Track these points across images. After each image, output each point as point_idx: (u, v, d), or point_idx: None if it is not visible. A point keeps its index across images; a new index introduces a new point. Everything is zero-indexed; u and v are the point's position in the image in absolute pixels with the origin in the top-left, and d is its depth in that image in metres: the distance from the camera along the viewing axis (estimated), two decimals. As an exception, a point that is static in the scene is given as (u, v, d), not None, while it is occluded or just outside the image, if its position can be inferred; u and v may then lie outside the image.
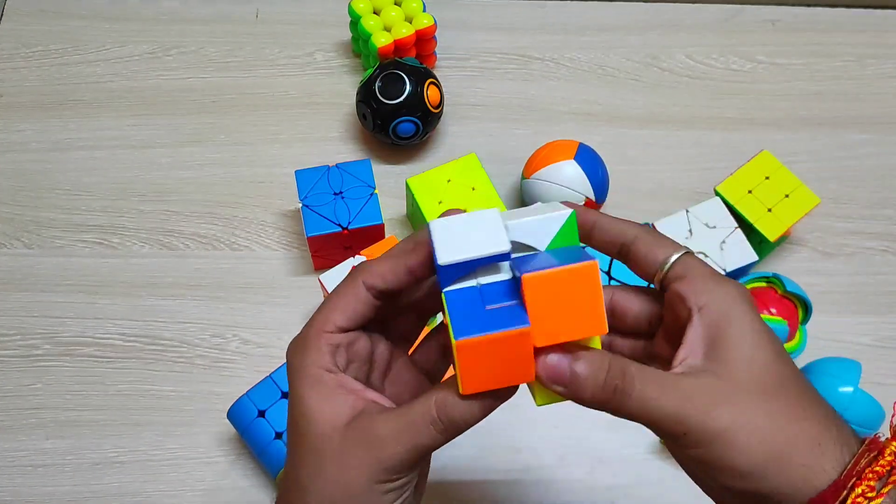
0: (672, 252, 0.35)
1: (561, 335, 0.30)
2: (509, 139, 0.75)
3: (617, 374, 0.31)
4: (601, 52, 0.81)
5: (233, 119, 0.75)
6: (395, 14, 0.73)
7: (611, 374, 0.31)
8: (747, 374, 0.31)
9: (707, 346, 0.32)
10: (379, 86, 0.68)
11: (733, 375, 0.31)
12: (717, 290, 0.33)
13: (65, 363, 0.63)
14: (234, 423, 0.57)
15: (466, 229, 0.32)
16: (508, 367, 0.30)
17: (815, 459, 0.30)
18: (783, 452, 0.30)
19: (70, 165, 0.72)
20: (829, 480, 0.30)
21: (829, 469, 0.30)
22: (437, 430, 0.31)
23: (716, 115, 0.78)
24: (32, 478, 0.59)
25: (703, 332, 0.32)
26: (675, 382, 0.31)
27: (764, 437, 0.30)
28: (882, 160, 0.76)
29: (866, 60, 0.82)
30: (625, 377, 0.31)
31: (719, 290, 0.33)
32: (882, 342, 0.66)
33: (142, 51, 0.79)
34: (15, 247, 0.68)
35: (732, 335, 0.32)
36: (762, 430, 0.30)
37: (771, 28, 0.84)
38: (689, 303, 0.33)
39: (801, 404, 0.32)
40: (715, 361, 0.32)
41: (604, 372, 0.30)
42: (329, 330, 0.33)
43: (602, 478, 0.60)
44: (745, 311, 0.32)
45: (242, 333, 0.65)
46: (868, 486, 0.29)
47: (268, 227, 0.70)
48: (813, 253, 0.70)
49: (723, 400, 0.30)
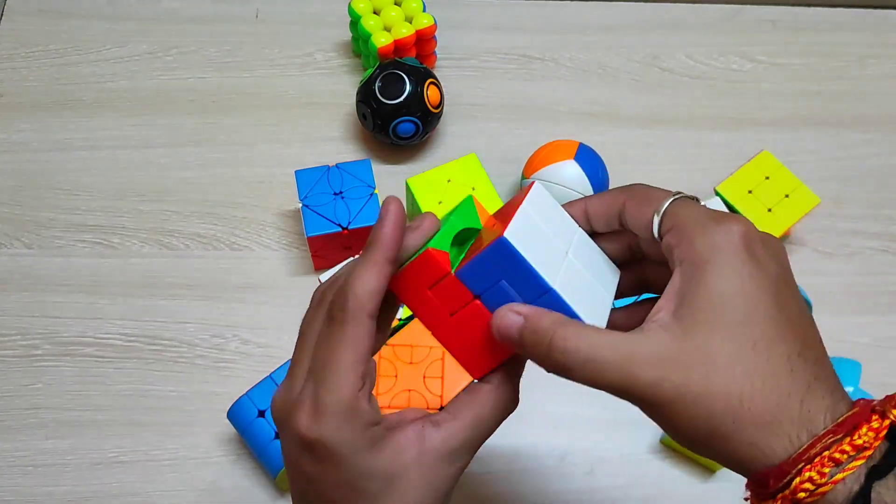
0: (661, 202, 0.33)
1: None
2: (509, 139, 0.75)
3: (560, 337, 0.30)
4: (601, 52, 0.81)
5: (233, 119, 0.75)
6: (395, 14, 0.73)
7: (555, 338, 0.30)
8: (709, 331, 0.29)
9: (678, 299, 0.30)
10: (379, 86, 0.68)
11: (694, 333, 0.29)
12: (702, 238, 0.31)
13: (65, 363, 0.63)
14: (234, 423, 0.57)
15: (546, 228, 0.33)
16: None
17: (766, 438, 0.29)
18: (729, 429, 0.29)
19: (70, 165, 0.72)
20: (777, 461, 0.28)
21: (779, 450, 0.28)
22: None
23: (716, 115, 0.78)
24: (33, 478, 0.59)
25: (679, 286, 0.31)
26: (626, 346, 0.30)
27: (712, 411, 0.29)
28: (882, 160, 0.76)
29: (866, 60, 0.82)
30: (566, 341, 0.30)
31: (705, 237, 0.31)
32: (882, 342, 0.66)
33: (142, 51, 0.79)
34: (15, 247, 0.68)
35: (702, 288, 0.30)
36: (711, 402, 0.29)
37: (771, 28, 0.84)
38: (674, 255, 0.32)
39: (775, 362, 0.29)
40: (679, 318, 0.30)
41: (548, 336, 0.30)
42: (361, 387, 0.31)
43: (602, 478, 0.60)
44: (728, 257, 0.30)
45: (242, 333, 0.65)
46: (819, 472, 0.28)
47: (268, 227, 0.70)
48: (813, 253, 0.70)
49: (672, 365, 0.29)
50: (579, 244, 0.34)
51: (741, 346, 0.29)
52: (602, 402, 0.62)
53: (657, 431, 0.62)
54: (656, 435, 0.61)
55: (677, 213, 0.32)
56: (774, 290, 0.30)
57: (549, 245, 0.32)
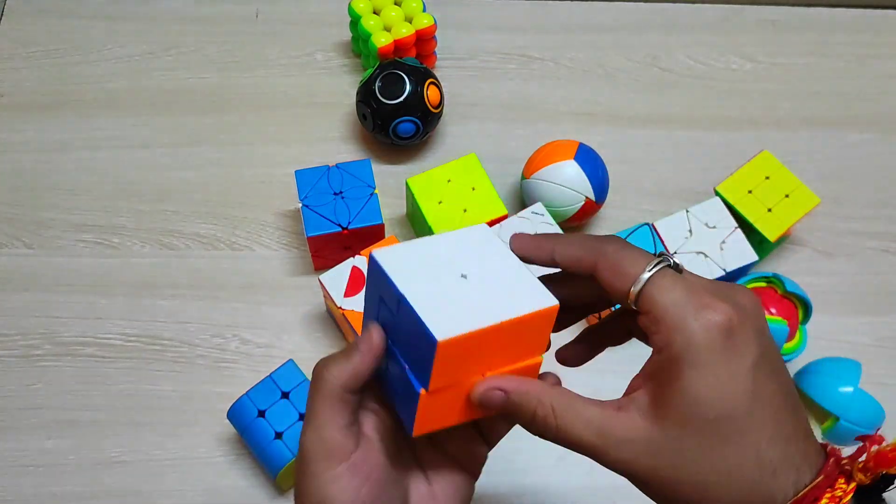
0: (638, 276, 0.32)
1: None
2: (509, 139, 0.75)
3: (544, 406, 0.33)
4: (601, 52, 0.81)
5: (233, 119, 0.75)
6: (395, 14, 0.73)
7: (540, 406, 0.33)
8: (682, 427, 0.31)
9: (656, 385, 0.32)
10: (379, 86, 0.68)
11: (667, 426, 0.31)
12: (680, 334, 0.31)
13: (65, 363, 0.63)
14: (234, 423, 0.57)
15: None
16: None
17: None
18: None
19: (70, 165, 0.72)
20: None
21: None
22: None
23: (716, 115, 0.78)
24: (33, 477, 0.59)
25: (655, 372, 0.32)
26: (601, 424, 0.32)
27: (679, 494, 0.31)
28: (882, 160, 0.76)
29: (866, 60, 0.82)
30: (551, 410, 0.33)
31: (683, 332, 0.30)
32: (882, 342, 0.66)
33: (142, 51, 0.79)
34: (15, 247, 0.68)
35: (677, 386, 0.30)
36: (678, 487, 0.31)
37: (771, 28, 0.84)
38: (651, 339, 0.32)
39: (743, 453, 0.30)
40: (655, 407, 0.31)
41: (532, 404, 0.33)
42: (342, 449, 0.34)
43: (602, 478, 0.60)
44: (704, 357, 0.30)
45: (242, 333, 0.65)
46: None
47: (268, 227, 0.70)
48: (813, 253, 0.70)
49: (644, 451, 0.31)
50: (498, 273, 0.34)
51: (711, 442, 0.30)
52: (602, 402, 0.63)
53: (657, 431, 0.62)
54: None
55: (654, 299, 0.31)
56: (752, 379, 0.31)
57: (440, 268, 0.33)
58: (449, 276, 0.33)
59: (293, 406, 0.55)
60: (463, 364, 0.32)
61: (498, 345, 0.33)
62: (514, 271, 0.34)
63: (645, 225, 0.63)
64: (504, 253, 0.35)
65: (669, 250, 0.62)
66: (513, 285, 0.33)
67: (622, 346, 0.67)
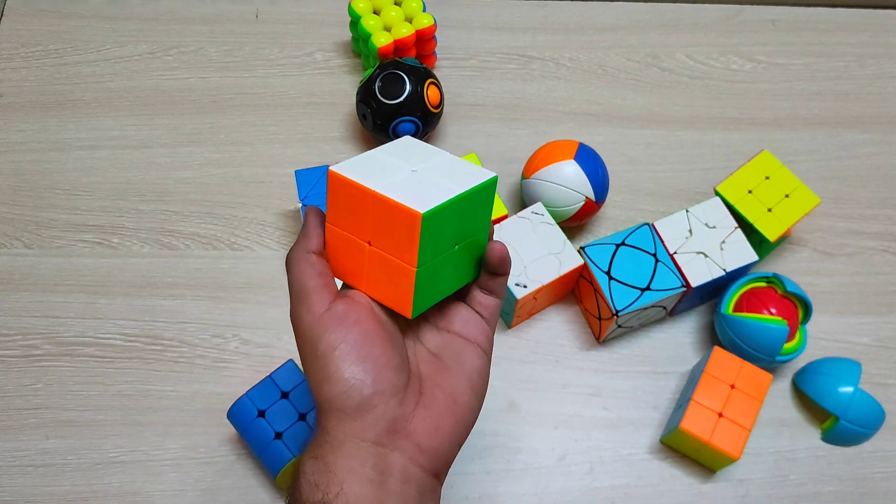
0: None
1: None
2: (509, 139, 0.75)
3: None
4: (601, 52, 0.81)
5: (233, 119, 0.75)
6: (395, 14, 0.73)
7: None
8: None
9: None
10: (379, 86, 0.68)
11: None
12: None
13: (65, 363, 0.63)
14: (234, 423, 0.57)
15: None
16: None
17: None
18: None
19: (70, 165, 0.72)
20: None
21: None
22: None
23: (716, 115, 0.78)
24: (33, 477, 0.59)
25: None
26: None
27: None
28: (882, 160, 0.76)
29: (866, 60, 0.82)
30: None
31: None
32: (882, 342, 0.66)
33: (141, 51, 0.79)
34: (15, 247, 0.68)
35: None
36: None
37: (771, 28, 0.84)
38: None
39: None
40: None
41: None
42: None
43: (602, 478, 0.60)
44: None
45: (242, 333, 0.65)
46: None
47: (268, 227, 0.70)
48: (813, 253, 0.70)
49: None
50: (439, 165, 0.39)
51: None
52: (602, 402, 0.63)
53: (657, 431, 0.62)
54: (656, 435, 0.61)
55: None
56: None
57: (388, 167, 0.38)
58: (402, 173, 0.37)
59: (293, 406, 0.55)
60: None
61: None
62: (452, 162, 0.39)
63: (645, 225, 0.63)
64: (437, 151, 0.40)
65: (669, 250, 0.62)
66: (457, 171, 0.38)
67: (622, 347, 0.67)
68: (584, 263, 0.61)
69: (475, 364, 0.39)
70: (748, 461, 0.61)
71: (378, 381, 0.35)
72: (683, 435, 0.57)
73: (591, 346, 0.65)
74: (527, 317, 0.65)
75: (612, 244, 0.62)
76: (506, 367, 0.64)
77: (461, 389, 0.38)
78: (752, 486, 0.60)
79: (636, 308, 0.59)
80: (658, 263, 0.61)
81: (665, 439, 0.61)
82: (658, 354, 0.65)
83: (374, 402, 0.35)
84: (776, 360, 0.60)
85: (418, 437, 0.36)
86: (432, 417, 0.36)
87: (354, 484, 0.34)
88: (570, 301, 0.67)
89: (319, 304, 0.36)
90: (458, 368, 0.39)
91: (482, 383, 0.39)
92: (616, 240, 0.62)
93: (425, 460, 0.36)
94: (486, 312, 0.41)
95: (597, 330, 0.64)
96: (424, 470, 0.36)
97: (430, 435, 0.36)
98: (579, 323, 0.66)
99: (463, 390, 0.38)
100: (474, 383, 0.39)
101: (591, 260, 0.61)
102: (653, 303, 0.60)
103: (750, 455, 0.61)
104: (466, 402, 0.38)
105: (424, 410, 0.36)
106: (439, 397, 0.37)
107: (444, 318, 0.41)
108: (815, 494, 0.60)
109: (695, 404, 0.57)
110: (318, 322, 0.36)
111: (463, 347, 0.39)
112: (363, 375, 0.35)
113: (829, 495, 0.60)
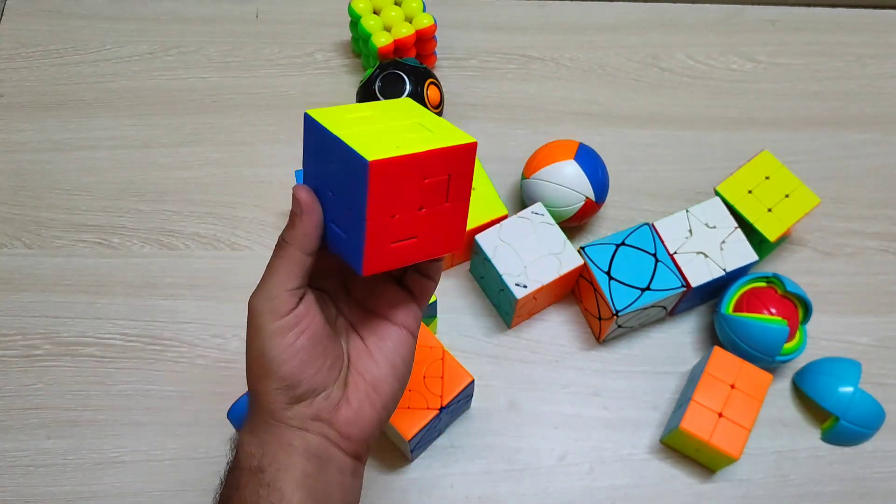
0: None
1: None
2: (509, 139, 0.75)
3: None
4: (601, 52, 0.81)
5: (233, 119, 0.75)
6: (395, 14, 0.73)
7: None
8: None
9: None
10: (379, 86, 0.68)
11: None
12: None
13: (65, 363, 0.63)
14: (235, 423, 0.57)
15: None
16: None
17: None
18: None
19: (70, 165, 0.72)
20: None
21: None
22: None
23: (716, 115, 0.78)
24: (34, 477, 0.59)
25: None
26: None
27: None
28: (882, 160, 0.76)
29: (866, 60, 0.82)
30: None
31: None
32: (882, 342, 0.66)
33: (142, 51, 0.79)
34: (15, 247, 0.68)
35: None
36: None
37: (771, 28, 0.84)
38: None
39: None
40: None
41: None
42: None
43: (602, 478, 0.60)
44: None
45: (242, 333, 0.64)
46: None
47: (268, 227, 0.70)
48: (813, 253, 0.70)
49: None
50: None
51: None
52: (602, 402, 0.63)
53: (657, 431, 0.62)
54: (656, 435, 0.61)
55: None
56: None
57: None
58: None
59: (293, 406, 0.55)
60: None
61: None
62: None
63: (645, 225, 0.63)
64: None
65: (669, 250, 0.62)
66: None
67: (622, 347, 0.67)
68: (584, 263, 0.61)
69: (399, 351, 0.40)
70: (748, 461, 0.61)
71: (312, 381, 0.38)
72: (683, 435, 0.57)
73: (591, 346, 0.65)
74: (527, 317, 0.65)
75: (612, 244, 0.62)
76: (506, 367, 0.64)
77: (383, 378, 0.40)
78: (752, 486, 0.60)
79: (636, 308, 0.59)
80: (658, 263, 0.61)
81: (665, 439, 0.61)
82: (658, 354, 0.65)
83: (305, 398, 0.38)
84: (776, 360, 0.60)
85: (340, 426, 0.39)
86: (353, 409, 0.39)
87: (283, 456, 0.38)
88: (570, 301, 0.67)
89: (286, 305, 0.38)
90: (381, 356, 0.40)
91: (406, 369, 0.41)
92: (616, 240, 0.62)
93: (346, 445, 0.39)
94: (418, 291, 0.42)
95: (597, 330, 0.64)
96: (345, 453, 0.39)
97: (351, 423, 0.39)
98: (579, 323, 0.66)
99: (385, 378, 0.40)
100: (397, 370, 0.40)
101: (591, 260, 0.61)
102: (653, 303, 0.60)
103: (750, 455, 0.61)
104: (387, 390, 0.40)
105: (346, 402, 0.39)
106: (361, 387, 0.39)
107: (374, 298, 0.42)
108: (815, 494, 0.60)
109: (695, 404, 0.57)
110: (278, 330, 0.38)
111: (388, 333, 0.40)
112: (300, 376, 0.37)
113: (829, 495, 0.60)
